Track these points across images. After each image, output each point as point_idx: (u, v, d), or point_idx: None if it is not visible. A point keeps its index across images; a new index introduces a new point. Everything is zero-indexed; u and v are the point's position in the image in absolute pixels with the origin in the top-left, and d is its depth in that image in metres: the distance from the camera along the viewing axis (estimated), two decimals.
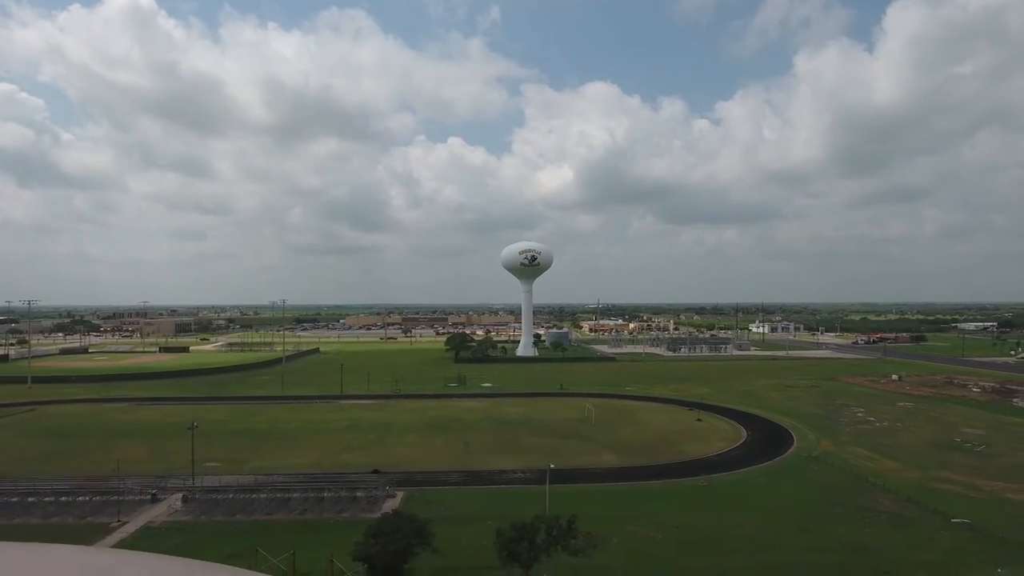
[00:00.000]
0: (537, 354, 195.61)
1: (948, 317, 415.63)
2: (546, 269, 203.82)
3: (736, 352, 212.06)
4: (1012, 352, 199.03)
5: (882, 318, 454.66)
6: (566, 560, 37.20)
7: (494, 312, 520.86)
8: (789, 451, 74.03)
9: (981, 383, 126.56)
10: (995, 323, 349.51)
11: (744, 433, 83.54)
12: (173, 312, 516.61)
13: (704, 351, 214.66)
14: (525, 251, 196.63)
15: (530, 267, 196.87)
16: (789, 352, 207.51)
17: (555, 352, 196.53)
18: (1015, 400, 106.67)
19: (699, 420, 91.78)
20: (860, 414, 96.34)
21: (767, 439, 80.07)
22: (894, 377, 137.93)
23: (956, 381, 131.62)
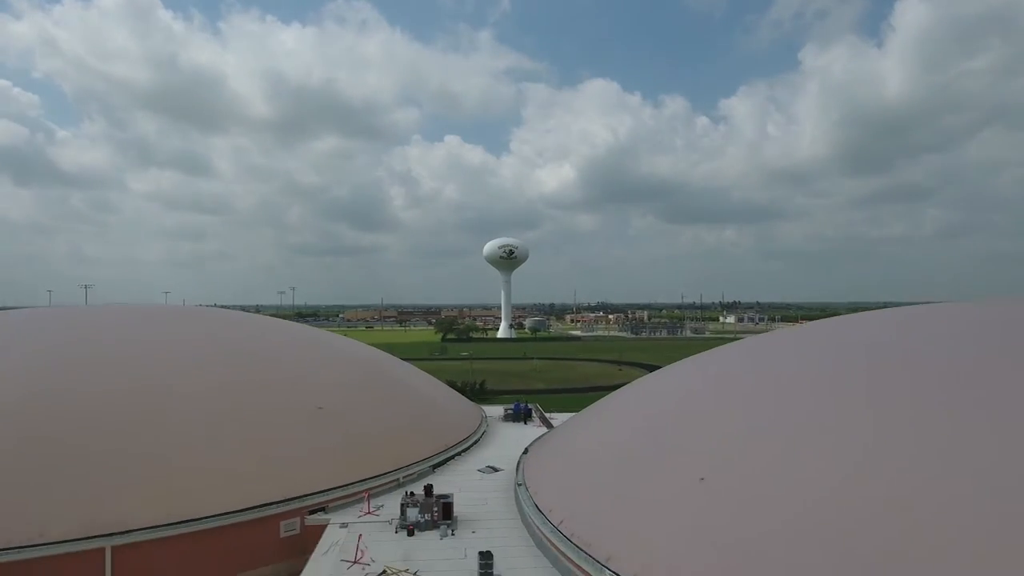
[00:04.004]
0: (514, 335, 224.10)
1: None
2: (523, 262, 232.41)
3: (690, 334, 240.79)
4: None
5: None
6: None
7: (487, 308, 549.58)
8: None
9: None
10: None
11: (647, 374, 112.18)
12: None
13: (664, 334, 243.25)
14: (503, 245, 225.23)
15: (508, 260, 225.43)
16: (736, 334, 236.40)
17: (531, 334, 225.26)
18: None
19: (620, 369, 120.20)
20: None
21: None
22: None
23: None
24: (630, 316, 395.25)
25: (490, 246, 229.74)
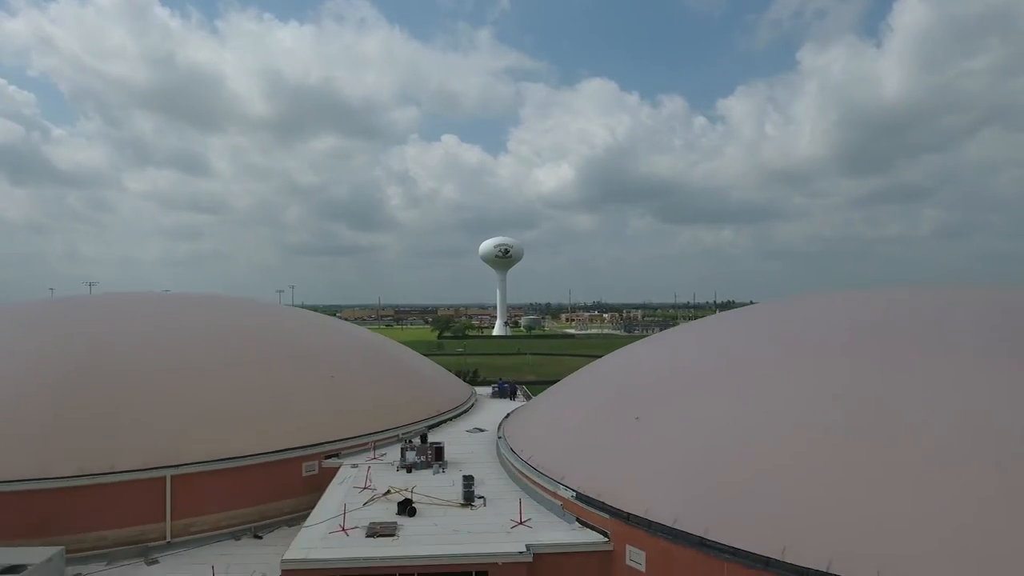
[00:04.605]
0: (509, 332, 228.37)
1: None
2: (518, 260, 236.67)
3: None
4: None
5: None
6: None
7: (483, 308, 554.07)
8: None
9: None
10: None
11: None
12: None
13: (656, 331, 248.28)
14: (499, 244, 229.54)
15: (504, 259, 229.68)
16: None
17: (526, 331, 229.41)
18: None
19: None
20: None
21: None
22: None
23: None
24: (624, 315, 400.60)
25: (486, 245, 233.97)
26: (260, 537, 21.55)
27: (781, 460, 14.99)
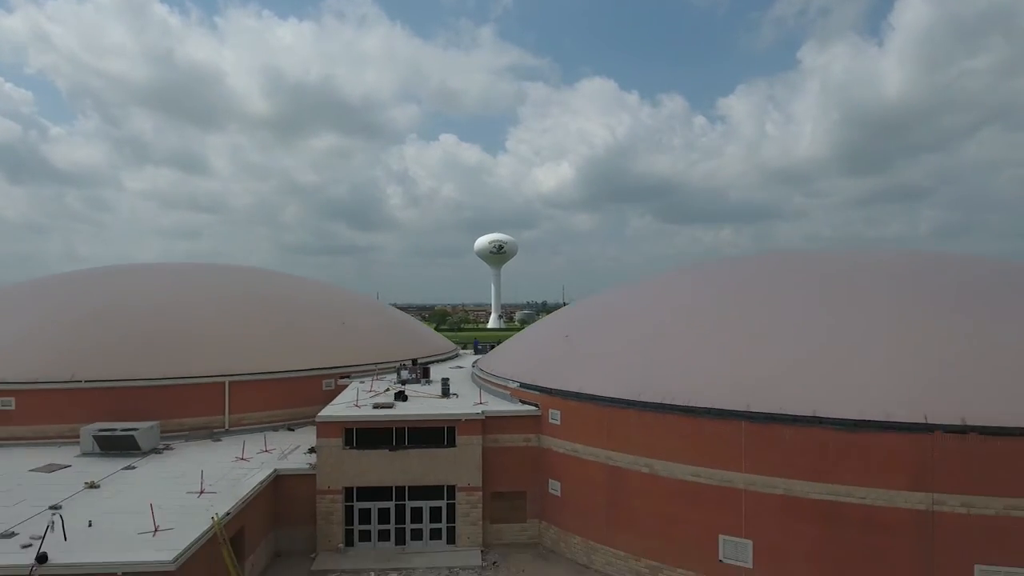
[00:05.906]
0: (503, 326, 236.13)
1: None
2: (512, 256, 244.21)
3: None
4: None
5: None
6: None
7: (481, 306, 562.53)
8: None
9: None
10: None
11: None
12: None
13: None
14: (493, 241, 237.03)
15: (498, 254, 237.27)
16: None
17: (520, 326, 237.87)
18: None
19: None
20: None
21: None
22: None
23: None
24: None
25: (480, 241, 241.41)
26: (292, 430, 29.14)
27: (644, 343, 22.71)
